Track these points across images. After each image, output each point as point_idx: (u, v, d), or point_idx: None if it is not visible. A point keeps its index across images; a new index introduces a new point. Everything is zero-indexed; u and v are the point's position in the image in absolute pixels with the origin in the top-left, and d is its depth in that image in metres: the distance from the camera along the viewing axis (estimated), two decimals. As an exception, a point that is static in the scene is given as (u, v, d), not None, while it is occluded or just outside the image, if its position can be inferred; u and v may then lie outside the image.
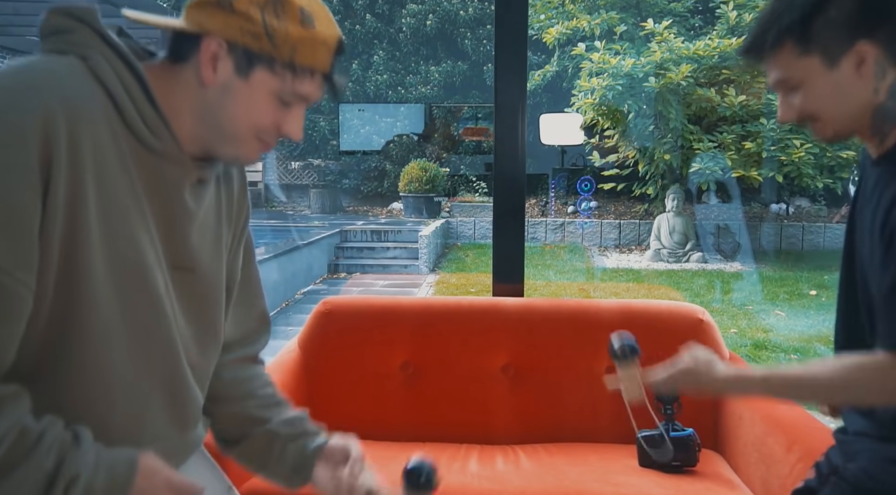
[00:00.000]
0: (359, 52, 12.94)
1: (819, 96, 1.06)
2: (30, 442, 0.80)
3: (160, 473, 0.88)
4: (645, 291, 7.84)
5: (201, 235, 0.98)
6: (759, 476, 1.82)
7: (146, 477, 0.86)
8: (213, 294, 1.03)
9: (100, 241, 0.85)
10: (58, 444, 0.82)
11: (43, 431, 0.81)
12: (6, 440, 0.78)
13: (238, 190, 1.09)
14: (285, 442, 1.11)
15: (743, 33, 8.99)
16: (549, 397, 2.22)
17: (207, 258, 1.00)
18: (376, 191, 12.83)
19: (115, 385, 0.90)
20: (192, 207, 0.96)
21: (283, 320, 6.72)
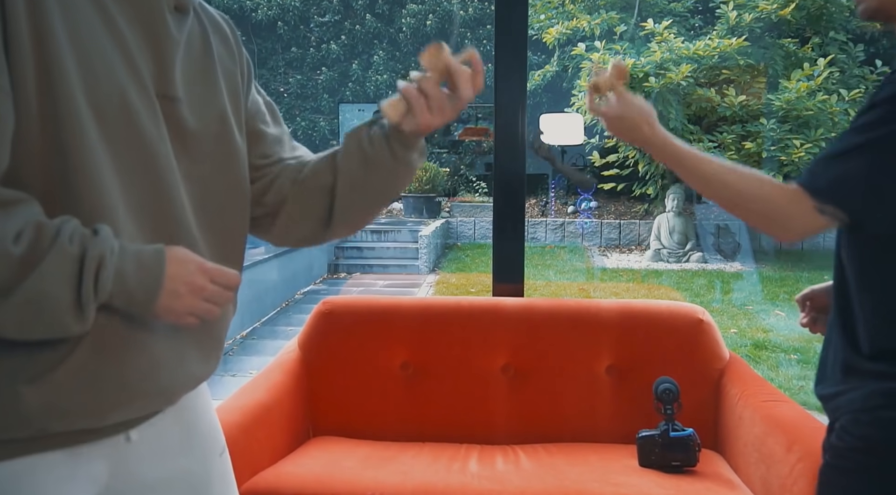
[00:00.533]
0: (359, 52, 12.95)
1: None
2: (50, 234, 0.78)
3: (191, 259, 0.87)
4: (645, 291, 7.84)
5: (186, 67, 0.95)
6: (759, 476, 1.82)
7: (177, 263, 0.86)
8: (209, 128, 0.98)
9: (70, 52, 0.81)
10: (79, 233, 0.80)
11: (61, 224, 0.79)
12: (25, 234, 0.77)
13: (232, 36, 1.07)
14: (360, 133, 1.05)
15: (743, 33, 9.00)
16: (549, 397, 2.22)
17: (196, 91, 0.96)
18: (376, 191, 12.81)
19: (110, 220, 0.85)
20: (175, 34, 0.93)
21: (283, 320, 6.72)
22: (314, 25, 12.59)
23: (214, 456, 1.09)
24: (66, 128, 0.81)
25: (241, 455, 1.80)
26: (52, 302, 0.78)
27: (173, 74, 0.92)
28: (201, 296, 0.88)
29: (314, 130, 13.10)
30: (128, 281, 0.82)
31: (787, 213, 1.06)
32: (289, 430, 2.12)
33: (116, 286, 0.82)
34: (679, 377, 1.99)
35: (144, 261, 0.84)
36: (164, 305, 0.85)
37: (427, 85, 0.99)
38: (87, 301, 0.79)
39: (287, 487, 1.82)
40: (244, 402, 1.96)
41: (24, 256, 0.76)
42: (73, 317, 0.79)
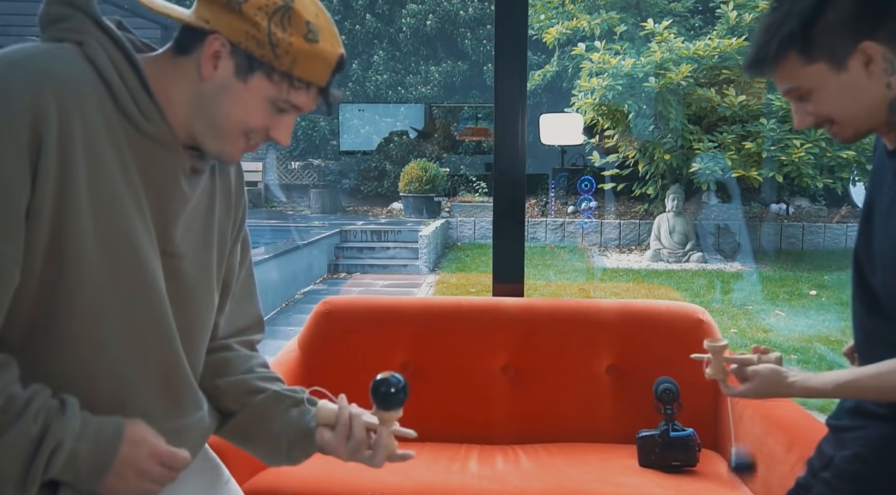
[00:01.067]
0: (359, 52, 12.95)
1: (832, 100, 1.07)
2: (17, 409, 0.82)
3: (146, 441, 0.90)
4: (645, 291, 7.84)
5: (188, 225, 0.99)
6: (760, 476, 1.82)
7: (132, 445, 0.89)
8: (200, 284, 1.02)
9: (90, 216, 0.86)
10: (45, 411, 0.84)
11: (30, 398, 0.83)
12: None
13: (235, 185, 1.10)
14: (289, 405, 1.11)
15: (743, 33, 9.00)
16: (549, 397, 2.22)
17: (193, 248, 1.00)
18: (376, 191, 12.83)
19: (104, 360, 0.90)
20: (188, 193, 0.97)
21: (283, 320, 6.72)
22: (314, 25, 12.58)
23: (221, 484, 1.14)
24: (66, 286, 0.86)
25: (242, 455, 1.80)
26: (2, 476, 0.81)
27: (174, 233, 0.97)
28: (146, 479, 0.91)
29: (314, 130, 13.10)
30: (79, 461, 0.85)
31: None
32: (289, 430, 2.12)
33: (67, 466, 0.85)
34: (679, 377, 1.99)
35: (101, 443, 0.87)
36: (108, 485, 0.88)
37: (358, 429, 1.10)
38: (33, 481, 0.83)
39: (287, 487, 1.82)
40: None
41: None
42: (14, 493, 0.83)
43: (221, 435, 1.13)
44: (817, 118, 1.10)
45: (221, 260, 1.07)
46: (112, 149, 0.88)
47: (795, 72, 1.06)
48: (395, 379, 1.08)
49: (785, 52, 1.05)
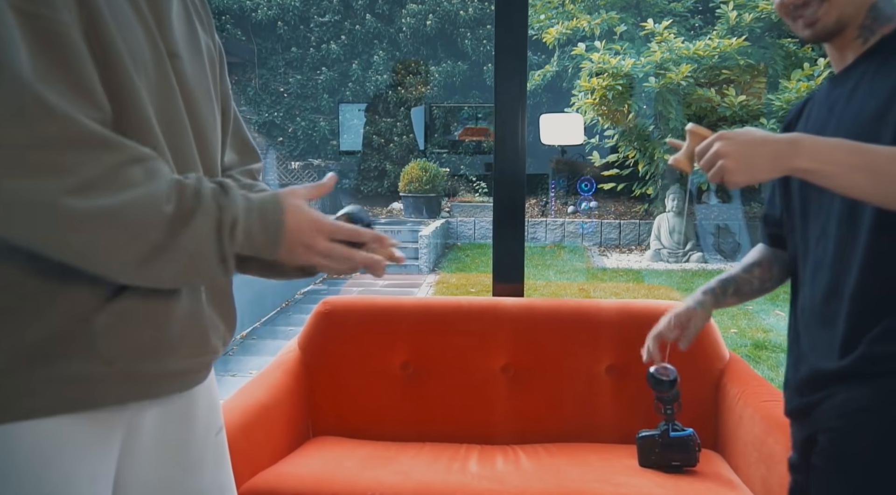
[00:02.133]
0: (359, 52, 12.94)
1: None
2: (191, 194, 0.86)
3: (304, 210, 0.94)
4: (645, 291, 7.84)
5: (177, 25, 0.99)
6: (759, 476, 1.82)
7: (293, 214, 0.93)
8: (201, 89, 1.02)
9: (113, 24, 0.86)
10: (214, 192, 0.88)
11: (197, 183, 0.87)
12: (171, 192, 0.84)
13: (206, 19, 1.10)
14: None
15: (743, 33, 8.99)
16: (549, 397, 2.22)
17: (186, 49, 1.00)
18: (376, 191, 12.83)
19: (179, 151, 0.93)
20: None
21: (283, 320, 6.71)
22: (314, 25, 12.58)
23: (210, 435, 1.11)
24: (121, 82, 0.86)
25: (241, 455, 1.80)
26: (202, 258, 0.86)
27: (173, 32, 0.97)
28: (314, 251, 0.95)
29: (314, 130, 13.09)
30: (254, 237, 0.90)
31: None
32: (289, 430, 2.12)
33: (246, 241, 0.89)
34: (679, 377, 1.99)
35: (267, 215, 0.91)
36: (281, 255, 0.93)
37: None
38: (229, 255, 0.88)
39: (287, 487, 1.82)
40: (244, 402, 1.96)
41: (175, 216, 0.83)
42: (220, 269, 0.88)
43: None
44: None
45: (214, 75, 1.08)
46: None
47: None
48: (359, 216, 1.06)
49: None
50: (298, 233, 0.92)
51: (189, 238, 0.84)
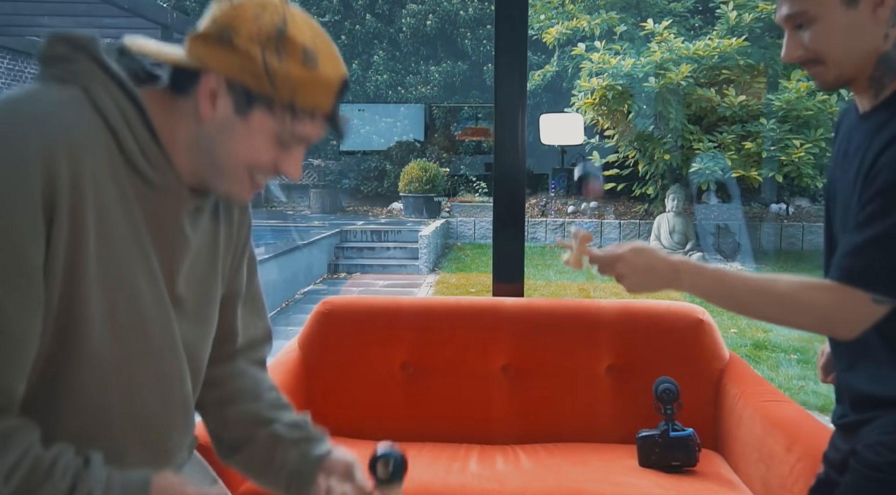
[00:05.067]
0: (359, 52, 12.95)
1: (831, 35, 1.06)
2: (44, 470, 0.80)
3: (175, 488, 0.89)
4: (645, 291, 7.83)
5: (193, 269, 0.98)
6: (759, 476, 1.82)
7: (161, 489, 0.87)
8: (202, 327, 1.02)
9: (97, 279, 0.85)
10: (72, 468, 0.82)
11: (55, 457, 0.82)
12: (20, 469, 0.79)
13: (238, 212, 1.09)
14: (288, 446, 1.09)
15: (743, 33, 9.00)
16: (549, 397, 2.22)
17: (196, 290, 1.00)
18: (376, 191, 12.84)
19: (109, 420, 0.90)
20: (190, 237, 0.96)
21: (283, 320, 6.71)
22: (314, 25, 12.59)
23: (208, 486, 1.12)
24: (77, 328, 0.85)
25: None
26: None
27: (179, 280, 0.96)
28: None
29: (314, 130, 13.07)
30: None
31: (844, 314, 1.05)
32: (289, 430, 2.12)
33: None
34: (679, 377, 1.99)
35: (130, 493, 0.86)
36: None
37: None
38: None
39: (287, 487, 1.82)
40: (244, 402, 1.96)
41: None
42: None
43: (229, 465, 1.14)
44: (808, 53, 1.09)
45: (220, 286, 1.07)
46: (119, 205, 0.86)
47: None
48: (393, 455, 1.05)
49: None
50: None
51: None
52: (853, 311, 1.04)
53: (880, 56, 1.06)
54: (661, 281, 1.17)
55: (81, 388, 0.87)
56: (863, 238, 1.03)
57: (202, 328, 1.03)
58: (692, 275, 1.14)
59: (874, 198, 1.01)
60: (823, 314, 1.07)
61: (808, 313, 1.08)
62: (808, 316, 1.08)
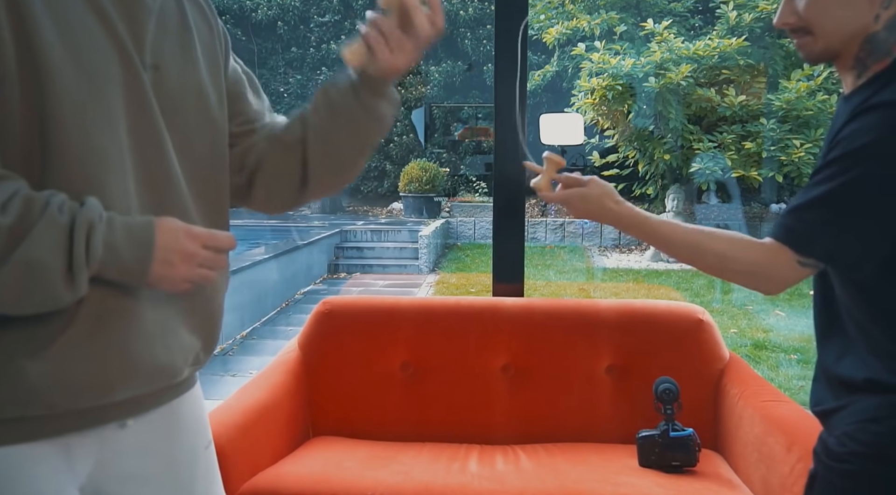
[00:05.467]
0: (359, 52, 12.94)
1: (825, 5, 1.07)
2: (39, 205, 0.79)
3: (180, 227, 0.88)
4: (645, 291, 7.84)
5: (161, 35, 0.95)
6: (759, 476, 1.82)
7: (167, 232, 0.87)
8: (186, 98, 0.98)
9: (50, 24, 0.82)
10: (67, 204, 0.81)
11: (49, 196, 0.81)
12: (13, 205, 0.78)
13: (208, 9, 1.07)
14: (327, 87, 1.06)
15: (743, 33, 8.99)
16: (549, 397, 2.22)
17: (172, 59, 0.96)
18: (376, 191, 12.84)
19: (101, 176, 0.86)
20: (148, 3, 0.93)
21: (283, 320, 6.71)
22: (314, 25, 12.58)
23: (200, 449, 1.09)
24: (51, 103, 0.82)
25: (241, 455, 1.80)
26: (44, 270, 0.78)
27: (147, 42, 0.92)
28: (195, 263, 0.89)
29: (314, 130, 13.08)
30: (119, 251, 0.83)
31: (770, 270, 1.10)
32: (289, 430, 2.12)
33: (107, 255, 0.82)
34: (679, 377, 1.99)
35: (134, 232, 0.85)
36: (157, 274, 0.86)
37: (383, 24, 0.99)
38: (79, 268, 0.80)
39: (287, 487, 1.82)
40: (244, 402, 1.96)
41: (14, 226, 0.77)
42: (64, 286, 0.80)
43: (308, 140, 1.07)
44: (800, 21, 1.10)
45: (217, 78, 1.04)
46: None
47: None
48: None
49: None
50: (175, 244, 0.86)
51: (29, 248, 0.78)
52: (777, 269, 1.08)
53: (868, 36, 1.07)
54: (604, 219, 1.27)
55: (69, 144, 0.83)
56: (804, 199, 1.06)
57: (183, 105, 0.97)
58: (631, 226, 1.24)
59: (828, 165, 1.04)
60: (751, 267, 1.12)
61: (738, 263, 1.13)
62: (737, 266, 1.14)
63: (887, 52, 1.07)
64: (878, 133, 0.99)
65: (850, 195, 1.02)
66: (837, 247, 1.04)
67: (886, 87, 1.04)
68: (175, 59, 0.96)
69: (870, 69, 1.09)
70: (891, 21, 1.05)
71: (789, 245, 1.06)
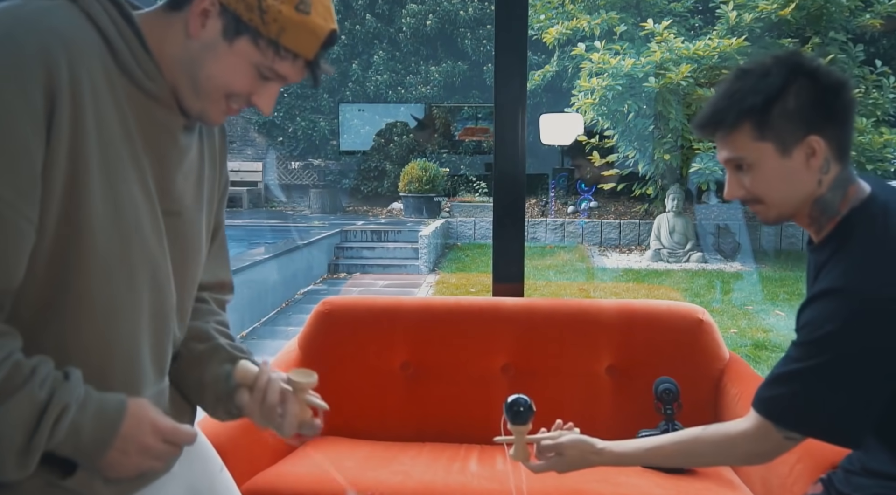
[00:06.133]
0: (359, 52, 12.95)
1: (769, 181, 1.12)
2: (24, 375, 0.81)
3: (148, 418, 0.90)
4: (645, 291, 7.84)
5: (185, 180, 1.00)
6: (759, 476, 1.82)
7: (134, 422, 0.88)
8: (195, 239, 1.03)
9: (99, 176, 0.86)
10: (51, 378, 0.83)
11: (36, 366, 0.82)
12: (1, 370, 0.79)
13: (219, 145, 1.11)
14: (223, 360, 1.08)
15: (743, 33, 8.99)
16: (549, 397, 2.21)
17: (190, 203, 1.01)
18: (376, 191, 12.84)
19: (113, 326, 0.90)
20: (184, 149, 0.98)
21: (283, 320, 6.71)
22: (314, 25, 12.57)
23: (215, 473, 1.12)
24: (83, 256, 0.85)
25: (241, 455, 1.80)
26: (3, 443, 0.79)
27: (173, 190, 0.97)
28: (149, 456, 0.90)
29: (314, 130, 13.10)
30: (81, 434, 0.84)
31: (760, 451, 1.17)
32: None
33: (69, 437, 0.83)
34: (679, 377, 1.99)
35: (103, 416, 0.86)
36: (109, 460, 0.87)
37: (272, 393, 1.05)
38: (36, 449, 0.81)
39: (287, 487, 1.82)
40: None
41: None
42: (15, 462, 0.81)
43: None
44: (749, 194, 1.15)
45: (210, 216, 1.09)
46: (114, 107, 0.88)
47: (745, 144, 1.11)
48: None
49: (741, 123, 1.10)
50: (137, 435, 0.88)
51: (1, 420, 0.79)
52: (766, 446, 1.15)
53: (816, 199, 1.12)
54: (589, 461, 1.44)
55: (89, 292, 0.87)
56: (780, 371, 1.13)
57: (192, 246, 1.02)
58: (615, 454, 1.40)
59: (797, 345, 1.12)
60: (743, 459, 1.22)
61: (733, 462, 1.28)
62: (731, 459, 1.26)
63: (836, 211, 1.12)
64: (833, 324, 1.06)
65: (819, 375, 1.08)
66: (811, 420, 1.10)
67: (836, 254, 1.09)
68: (189, 205, 1.01)
69: (825, 227, 1.14)
70: (833, 182, 1.11)
71: (770, 419, 1.12)
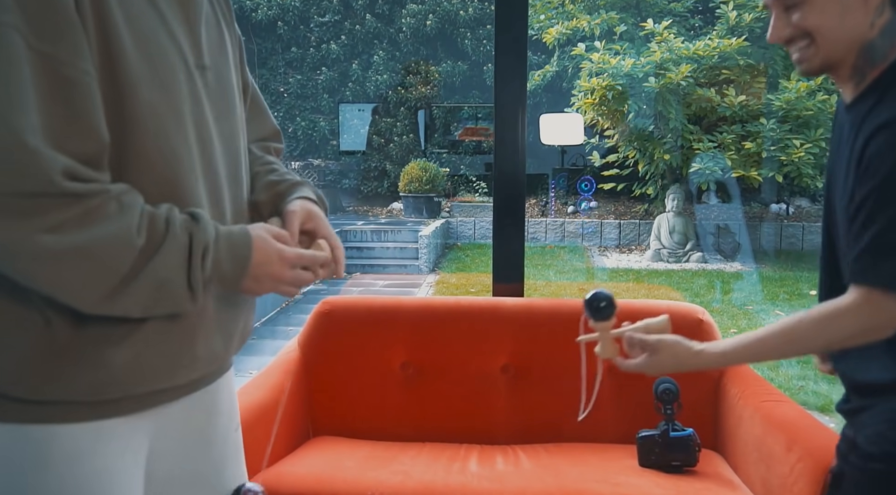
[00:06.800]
0: (359, 52, 12.94)
1: (822, 14, 1.07)
2: (162, 223, 0.86)
3: (273, 248, 0.97)
4: (645, 291, 7.84)
5: (208, 35, 1.01)
6: (759, 476, 1.82)
7: (261, 253, 0.95)
8: (230, 95, 1.04)
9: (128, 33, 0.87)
10: (184, 221, 0.89)
11: (168, 212, 0.88)
12: (142, 224, 0.85)
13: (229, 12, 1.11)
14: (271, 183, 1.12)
15: (743, 33, 8.99)
16: (549, 397, 2.22)
17: (217, 57, 1.02)
18: (376, 191, 12.83)
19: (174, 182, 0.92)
20: (200, 3, 0.99)
21: (283, 320, 6.72)
22: (314, 25, 12.58)
23: (231, 431, 1.14)
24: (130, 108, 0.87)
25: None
26: (171, 288, 0.87)
27: (201, 45, 0.98)
28: (282, 283, 0.98)
29: (314, 130, 13.09)
30: (222, 266, 0.92)
31: (876, 322, 1.04)
32: (289, 430, 2.12)
33: (213, 273, 0.91)
34: (679, 377, 1.99)
35: (234, 249, 0.93)
36: (246, 288, 0.96)
37: None
38: (197, 285, 0.89)
39: (287, 487, 1.82)
40: (244, 402, 1.95)
41: (144, 247, 0.85)
42: (188, 299, 0.89)
43: None
44: (797, 30, 1.09)
45: (237, 68, 1.10)
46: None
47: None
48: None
49: None
50: (266, 266, 0.95)
51: (157, 267, 0.85)
52: (882, 315, 1.03)
53: (864, 44, 1.07)
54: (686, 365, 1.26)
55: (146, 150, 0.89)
56: (869, 237, 1.02)
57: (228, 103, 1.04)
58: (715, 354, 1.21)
59: (870, 195, 1.02)
60: (855, 332, 1.06)
61: (842, 339, 1.08)
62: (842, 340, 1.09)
63: (883, 58, 1.08)
64: None
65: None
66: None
67: (886, 95, 1.05)
68: (217, 61, 1.02)
69: (868, 76, 1.09)
70: (885, 27, 1.06)
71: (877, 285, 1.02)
